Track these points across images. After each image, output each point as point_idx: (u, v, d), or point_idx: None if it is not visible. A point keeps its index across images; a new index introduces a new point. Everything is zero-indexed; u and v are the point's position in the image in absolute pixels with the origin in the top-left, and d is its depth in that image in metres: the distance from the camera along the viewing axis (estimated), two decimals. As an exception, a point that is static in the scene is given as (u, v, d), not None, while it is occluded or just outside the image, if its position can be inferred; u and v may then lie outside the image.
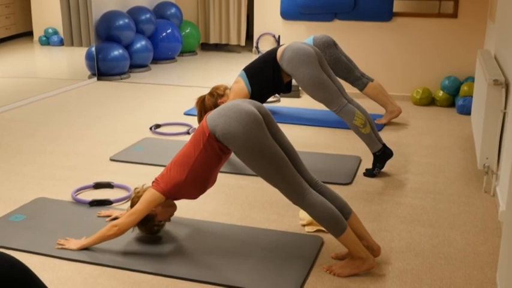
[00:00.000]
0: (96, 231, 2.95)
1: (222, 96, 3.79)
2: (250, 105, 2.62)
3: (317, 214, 2.56)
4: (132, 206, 2.79)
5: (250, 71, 3.85)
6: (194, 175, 2.64)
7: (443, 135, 4.79)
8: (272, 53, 3.79)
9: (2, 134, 4.73)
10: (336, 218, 2.55)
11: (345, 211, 2.65)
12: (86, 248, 2.76)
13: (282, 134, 2.69)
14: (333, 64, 4.80)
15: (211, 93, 3.84)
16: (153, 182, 2.74)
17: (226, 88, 3.85)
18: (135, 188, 2.87)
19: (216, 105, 3.73)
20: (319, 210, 2.55)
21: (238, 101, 2.66)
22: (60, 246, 2.77)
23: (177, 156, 2.70)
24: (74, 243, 2.77)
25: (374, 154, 3.80)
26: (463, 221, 3.18)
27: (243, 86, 3.79)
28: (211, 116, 2.62)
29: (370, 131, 3.74)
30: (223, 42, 9.15)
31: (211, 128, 2.58)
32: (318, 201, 2.55)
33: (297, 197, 2.57)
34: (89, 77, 6.90)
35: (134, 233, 2.90)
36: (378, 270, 2.63)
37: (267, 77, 3.77)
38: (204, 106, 3.79)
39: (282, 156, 2.56)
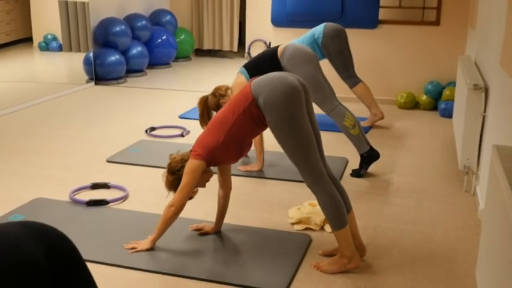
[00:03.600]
0: (93, 230, 2.95)
1: (224, 96, 3.72)
2: (295, 80, 2.54)
3: (325, 202, 2.52)
4: (168, 170, 2.72)
5: (250, 67, 3.80)
6: (231, 137, 2.58)
7: (426, 137, 4.82)
8: (272, 50, 3.74)
9: (2, 136, 4.70)
10: (340, 211, 2.53)
11: (346, 207, 2.63)
12: (80, 246, 2.76)
13: (314, 116, 2.62)
14: (334, 55, 4.76)
15: (213, 94, 3.75)
16: (190, 151, 2.67)
17: (227, 88, 3.78)
18: (171, 155, 2.79)
19: (218, 105, 3.67)
20: (328, 199, 2.52)
21: (285, 73, 2.58)
22: (133, 251, 2.70)
23: (213, 122, 2.65)
24: (145, 243, 2.72)
25: (361, 155, 3.81)
26: (445, 219, 3.20)
27: (243, 79, 3.73)
28: (256, 82, 2.56)
29: (359, 132, 3.75)
30: (217, 48, 9.15)
31: (254, 94, 2.52)
32: (330, 191, 2.52)
33: (313, 180, 2.52)
34: (87, 82, 6.88)
35: (125, 231, 2.89)
36: (363, 267, 2.64)
37: (266, 72, 3.74)
38: (207, 106, 3.71)
39: (312, 137, 2.51)
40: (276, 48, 3.76)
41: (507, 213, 1.68)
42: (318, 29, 4.79)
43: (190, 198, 2.78)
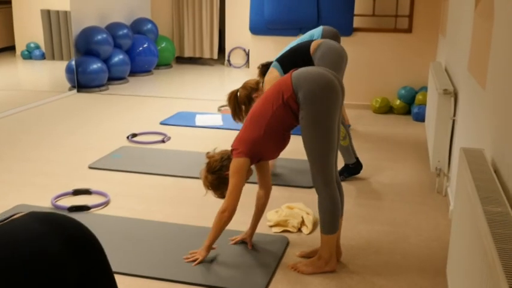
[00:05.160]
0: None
1: (256, 90, 3.56)
2: (335, 80, 2.47)
3: (325, 206, 2.50)
4: (208, 169, 2.63)
5: (283, 61, 3.71)
6: (271, 128, 2.50)
7: (400, 140, 4.86)
8: (305, 46, 3.70)
9: (-16, 144, 4.63)
10: (336, 219, 2.53)
11: (341, 211, 2.63)
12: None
13: (342, 116, 2.57)
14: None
15: (243, 87, 3.59)
16: (231, 150, 2.58)
17: (258, 82, 3.65)
18: (207, 153, 2.70)
19: (249, 97, 3.52)
20: (330, 204, 2.50)
21: (326, 71, 2.49)
22: (197, 262, 2.61)
23: (250, 116, 2.56)
24: (203, 252, 2.63)
25: (346, 165, 3.83)
26: (418, 219, 3.23)
27: (277, 74, 3.64)
28: (297, 76, 2.47)
29: (348, 144, 3.77)
30: (197, 55, 9.14)
31: (295, 88, 2.44)
32: (334, 197, 2.50)
33: (323, 182, 2.48)
34: (69, 89, 6.82)
35: (107, 236, 2.86)
36: (339, 267, 2.66)
37: (299, 66, 3.68)
38: (238, 99, 3.54)
39: (335, 143, 2.47)
40: (308, 44, 3.70)
41: (473, 213, 1.70)
42: (317, 32, 4.77)
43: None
